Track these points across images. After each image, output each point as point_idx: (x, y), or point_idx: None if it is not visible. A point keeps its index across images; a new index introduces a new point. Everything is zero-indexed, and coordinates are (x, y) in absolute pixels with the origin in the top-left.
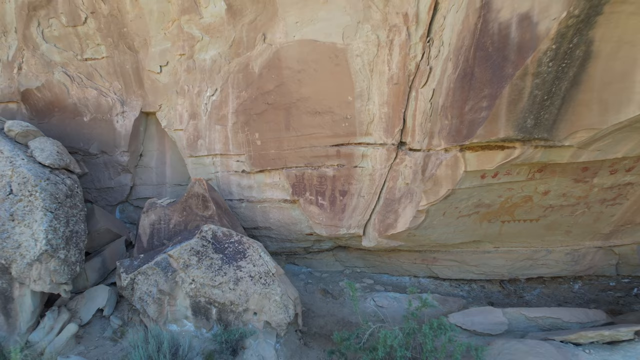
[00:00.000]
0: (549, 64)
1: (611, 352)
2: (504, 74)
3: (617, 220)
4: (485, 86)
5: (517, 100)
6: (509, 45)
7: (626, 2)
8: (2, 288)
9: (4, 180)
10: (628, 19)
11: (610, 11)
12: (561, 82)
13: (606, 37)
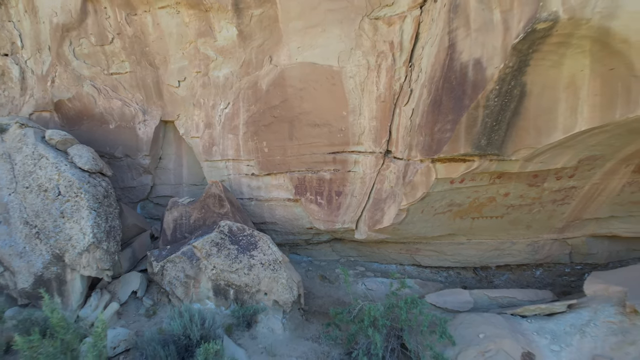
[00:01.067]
0: (495, 99)
1: (547, 321)
2: (463, 105)
3: (567, 216)
4: (449, 112)
5: (473, 125)
6: (467, 82)
7: (545, 58)
8: (57, 273)
9: (52, 183)
10: (548, 70)
11: (535, 64)
12: (505, 113)
13: (535, 82)
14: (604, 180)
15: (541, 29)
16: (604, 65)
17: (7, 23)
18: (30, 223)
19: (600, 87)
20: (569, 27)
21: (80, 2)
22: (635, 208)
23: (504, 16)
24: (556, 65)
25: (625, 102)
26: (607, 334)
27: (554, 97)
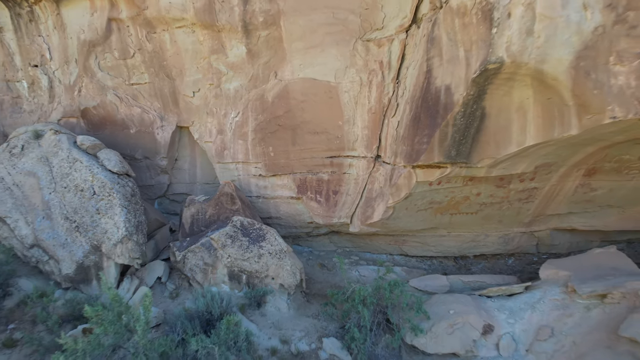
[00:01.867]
0: (461, 119)
1: (507, 300)
2: (436, 122)
3: (532, 213)
4: (426, 128)
5: (444, 139)
6: (440, 104)
7: (498, 89)
8: (95, 261)
9: (87, 184)
10: (502, 97)
11: (491, 92)
12: (470, 130)
13: (492, 106)
14: (560, 182)
15: (492, 68)
16: (543, 96)
17: (37, 37)
18: (70, 218)
19: (542, 111)
20: (512, 67)
21: (105, 21)
22: (589, 205)
23: (466, 54)
24: (507, 94)
25: (560, 124)
26: (552, 309)
27: (508, 118)
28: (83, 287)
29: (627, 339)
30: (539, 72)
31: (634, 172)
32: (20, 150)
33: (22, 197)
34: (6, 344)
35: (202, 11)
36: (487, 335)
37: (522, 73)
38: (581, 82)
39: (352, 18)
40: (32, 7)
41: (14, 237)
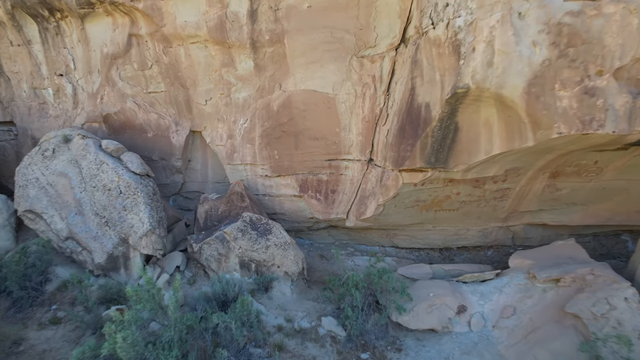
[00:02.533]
0: (438, 132)
1: (479, 285)
2: (418, 133)
3: (507, 210)
4: (410, 138)
5: (425, 148)
6: (421, 118)
7: (468, 107)
8: (123, 252)
9: (114, 184)
10: (471, 114)
11: (462, 110)
12: (446, 140)
13: (464, 121)
14: (529, 184)
15: (461, 92)
16: (504, 114)
17: (63, 49)
18: (99, 214)
19: (504, 126)
20: (477, 92)
21: (126, 36)
22: (556, 203)
23: (441, 78)
24: (476, 111)
25: (519, 137)
26: (516, 292)
27: (477, 131)
28: (112, 275)
29: (572, 315)
30: (499, 95)
31: (591, 175)
32: (51, 153)
33: (56, 195)
34: (52, 321)
35: (214, 30)
36: (461, 314)
37: (486, 96)
38: (533, 104)
39: (348, 37)
40: (59, 22)
41: (50, 231)
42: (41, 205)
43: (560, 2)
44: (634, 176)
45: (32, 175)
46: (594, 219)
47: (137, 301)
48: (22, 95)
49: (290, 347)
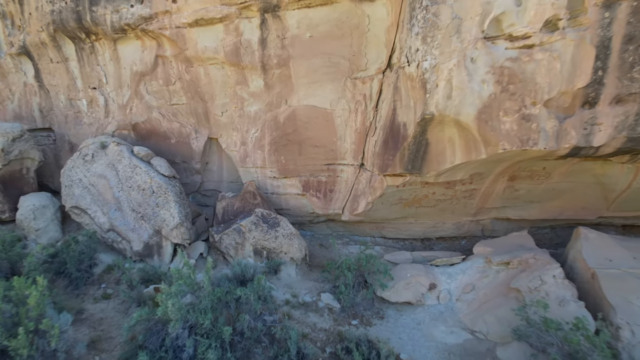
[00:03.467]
0: (413, 146)
1: (448, 268)
2: (398, 146)
3: (476, 206)
4: (392, 149)
5: (403, 158)
6: (400, 134)
7: (435, 127)
8: (157, 241)
9: (147, 185)
10: (438, 133)
11: (430, 130)
12: (419, 152)
13: (432, 138)
14: (492, 185)
15: (427, 118)
16: (463, 133)
17: (96, 66)
18: (135, 210)
19: (464, 142)
20: (440, 117)
21: (153, 57)
22: (516, 201)
23: (414, 105)
24: (441, 131)
25: (475, 151)
26: (476, 273)
27: (443, 146)
28: (148, 260)
29: (515, 289)
30: (457, 120)
31: (541, 178)
32: (91, 157)
33: (97, 194)
34: (103, 296)
35: (230, 54)
36: (432, 290)
37: (447, 120)
38: (483, 127)
39: (343, 62)
40: (93, 43)
41: (94, 224)
42: (85, 202)
43: (502, 50)
44: (576, 179)
45: (75, 176)
46: (549, 214)
47: (178, 278)
48: (59, 105)
49: (296, 316)
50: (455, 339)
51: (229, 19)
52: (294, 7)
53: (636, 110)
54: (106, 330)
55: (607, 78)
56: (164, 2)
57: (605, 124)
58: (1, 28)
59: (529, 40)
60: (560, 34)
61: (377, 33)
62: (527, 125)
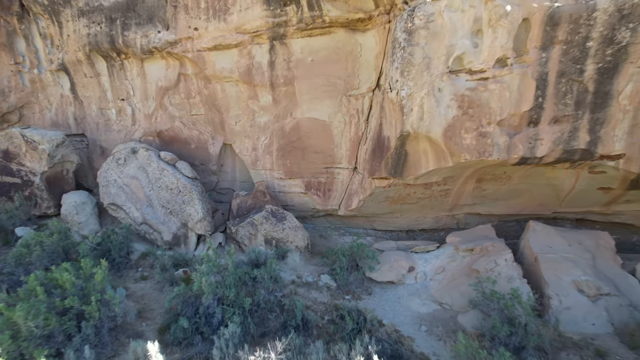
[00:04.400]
0: (395, 156)
1: (425, 254)
2: (383, 155)
3: (450, 203)
4: (378, 157)
5: (387, 165)
6: (385, 145)
7: (412, 142)
8: (184, 232)
9: (174, 185)
10: (415, 145)
11: (408, 143)
12: (400, 160)
13: (410, 149)
14: (462, 186)
15: (405, 134)
16: (433, 146)
17: (125, 80)
18: (165, 206)
19: (434, 153)
20: (415, 135)
21: (176, 75)
22: (484, 199)
23: (395, 123)
24: (417, 144)
25: (443, 160)
26: (446, 258)
27: (419, 156)
28: (176, 248)
29: (475, 270)
30: (428, 137)
31: (504, 180)
32: (123, 161)
33: (131, 192)
34: (142, 278)
35: (243, 73)
36: (411, 272)
37: (421, 137)
38: (448, 142)
39: (339, 82)
40: (123, 61)
41: (129, 218)
42: (121, 200)
43: (463, 82)
44: (532, 181)
45: (111, 177)
46: (512, 209)
47: (208, 261)
48: (91, 114)
49: (301, 292)
50: (427, 309)
51: (243, 45)
52: (298, 36)
53: (569, 128)
54: (147, 304)
55: (546, 103)
56: (187, 29)
57: (545, 139)
58: (42, 47)
59: (484, 74)
60: (509, 69)
61: (367, 58)
62: (484, 140)
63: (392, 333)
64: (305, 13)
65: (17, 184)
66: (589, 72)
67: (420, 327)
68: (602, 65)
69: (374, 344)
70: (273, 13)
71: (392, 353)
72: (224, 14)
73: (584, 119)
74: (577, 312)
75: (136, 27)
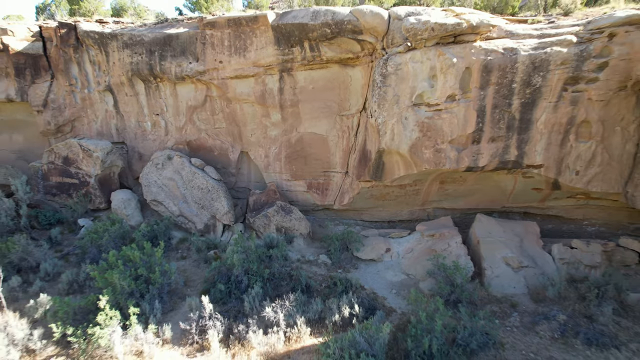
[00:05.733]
0: (375, 165)
1: (399, 239)
2: (367, 164)
3: (421, 200)
4: (363, 165)
5: (369, 171)
6: (367, 157)
7: (387, 155)
8: (213, 222)
9: (204, 185)
10: (389, 157)
11: (385, 156)
12: (379, 168)
13: (386, 160)
14: (429, 187)
15: (381, 150)
16: (403, 158)
17: (159, 99)
18: (197, 202)
19: (404, 164)
20: (389, 150)
21: (204, 96)
22: (448, 197)
23: (374, 141)
24: (391, 157)
25: (410, 168)
26: (414, 241)
27: (393, 165)
28: (206, 235)
29: (434, 250)
30: (398, 152)
31: (461, 182)
32: (161, 166)
33: (168, 191)
34: (182, 257)
35: (258, 97)
36: (387, 252)
37: (393, 152)
38: (413, 156)
39: (334, 105)
40: (158, 83)
41: (168, 212)
42: (161, 197)
43: (423, 112)
44: (483, 183)
45: (151, 179)
46: (470, 205)
47: (236, 244)
48: (131, 125)
49: (304, 267)
50: (397, 278)
51: (258, 75)
52: (301, 69)
53: (503, 145)
54: (189, 276)
55: (485, 127)
56: (214, 62)
57: (485, 154)
58: (92, 72)
59: (439, 107)
60: (457, 103)
61: (356, 87)
62: (439, 154)
63: (371, 294)
64: (307, 53)
65: (75, 184)
66: (515, 105)
67: (392, 290)
68: (524, 101)
69: (356, 298)
70: (282, 52)
71: (369, 305)
72: (244, 52)
73: (513, 139)
74: (503, 279)
75: (171, 58)
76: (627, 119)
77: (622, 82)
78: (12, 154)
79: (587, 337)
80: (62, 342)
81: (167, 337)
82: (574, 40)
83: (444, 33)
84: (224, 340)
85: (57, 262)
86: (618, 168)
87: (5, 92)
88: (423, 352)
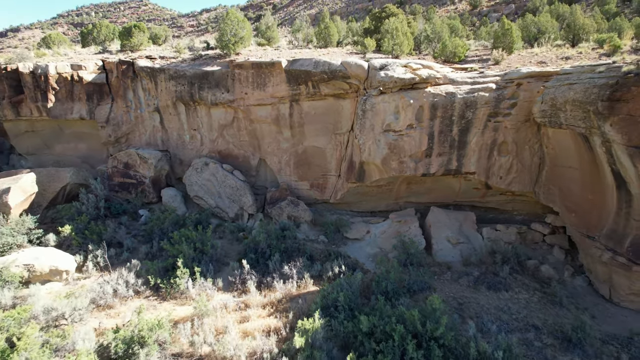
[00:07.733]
0: (358, 171)
1: (377, 224)
2: (353, 170)
3: (394, 196)
4: (350, 170)
5: (355, 175)
6: (354, 165)
7: (367, 165)
8: (241, 213)
9: (234, 184)
10: (370, 167)
11: (365, 166)
12: (361, 173)
13: (366, 168)
14: (399, 186)
15: (362, 162)
16: (377, 167)
17: (196, 118)
18: (229, 197)
19: (378, 170)
20: (367, 162)
21: (232, 117)
22: (415, 193)
23: (358, 154)
24: (369, 166)
25: (382, 174)
26: (387, 226)
27: (372, 171)
28: (236, 222)
29: (399, 232)
30: (374, 163)
31: (422, 183)
32: (200, 170)
33: (207, 189)
34: (219, 237)
35: (274, 119)
36: (368, 233)
37: (370, 163)
38: (384, 166)
39: (330, 126)
40: (196, 106)
41: (207, 204)
42: (201, 193)
43: (391, 135)
44: (438, 184)
45: (193, 180)
46: (430, 200)
47: (260, 227)
48: (173, 137)
49: (308, 244)
50: (373, 251)
51: (274, 104)
52: (306, 100)
53: (447, 158)
54: (226, 251)
55: (434, 146)
56: (241, 93)
57: (434, 164)
58: (143, 96)
59: (401, 132)
60: (414, 130)
61: (346, 114)
62: (402, 165)
63: (354, 260)
64: (310, 89)
65: (134, 183)
66: (454, 131)
67: (369, 259)
68: (460, 128)
69: (343, 263)
70: (292, 88)
71: (352, 267)
72: (263, 87)
73: (454, 154)
74: (445, 251)
75: (207, 89)
76: (532, 140)
77: (527, 116)
78: (77, 158)
79: (489, 285)
80: (154, 287)
81: (220, 286)
82: (494, 87)
83: (403, 84)
84: (257, 287)
85: (133, 239)
86: (529, 174)
87: (79, 112)
88: (381, 291)
